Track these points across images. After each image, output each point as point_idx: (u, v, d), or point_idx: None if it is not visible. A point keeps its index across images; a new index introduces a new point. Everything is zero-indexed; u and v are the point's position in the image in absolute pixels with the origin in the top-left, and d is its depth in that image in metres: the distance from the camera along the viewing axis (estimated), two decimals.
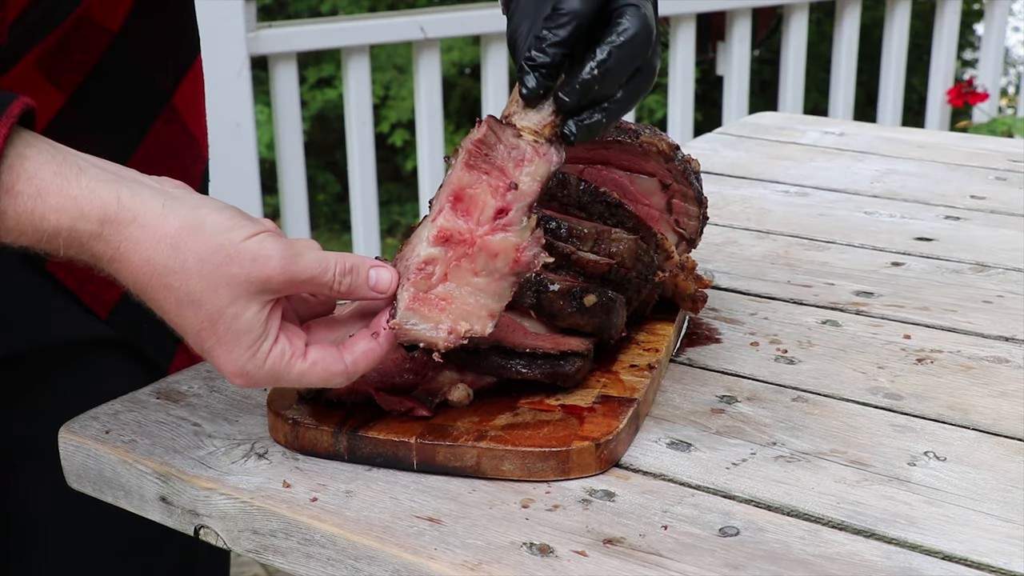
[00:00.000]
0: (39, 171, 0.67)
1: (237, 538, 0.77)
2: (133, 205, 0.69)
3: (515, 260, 0.76)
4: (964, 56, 7.50)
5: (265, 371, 0.72)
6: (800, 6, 3.33)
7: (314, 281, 0.73)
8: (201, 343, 0.72)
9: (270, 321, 0.72)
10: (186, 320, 0.71)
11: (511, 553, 0.70)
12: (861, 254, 1.21)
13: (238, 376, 0.72)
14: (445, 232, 0.76)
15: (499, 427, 0.80)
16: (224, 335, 0.71)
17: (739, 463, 0.80)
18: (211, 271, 0.69)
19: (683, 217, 1.02)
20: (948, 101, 3.62)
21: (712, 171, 1.50)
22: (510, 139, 0.77)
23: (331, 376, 0.74)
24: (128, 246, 0.69)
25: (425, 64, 2.76)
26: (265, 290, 0.71)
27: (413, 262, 0.76)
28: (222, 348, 0.71)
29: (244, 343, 0.71)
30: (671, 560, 0.69)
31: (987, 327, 1.02)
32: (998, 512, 0.74)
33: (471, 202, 0.77)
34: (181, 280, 0.69)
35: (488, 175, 0.77)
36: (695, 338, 1.00)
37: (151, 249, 0.69)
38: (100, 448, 0.83)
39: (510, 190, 0.76)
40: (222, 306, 0.70)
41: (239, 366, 0.72)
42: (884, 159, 1.56)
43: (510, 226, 0.76)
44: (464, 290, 0.76)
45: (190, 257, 0.69)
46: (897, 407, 0.88)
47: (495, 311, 0.76)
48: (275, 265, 0.71)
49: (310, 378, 0.74)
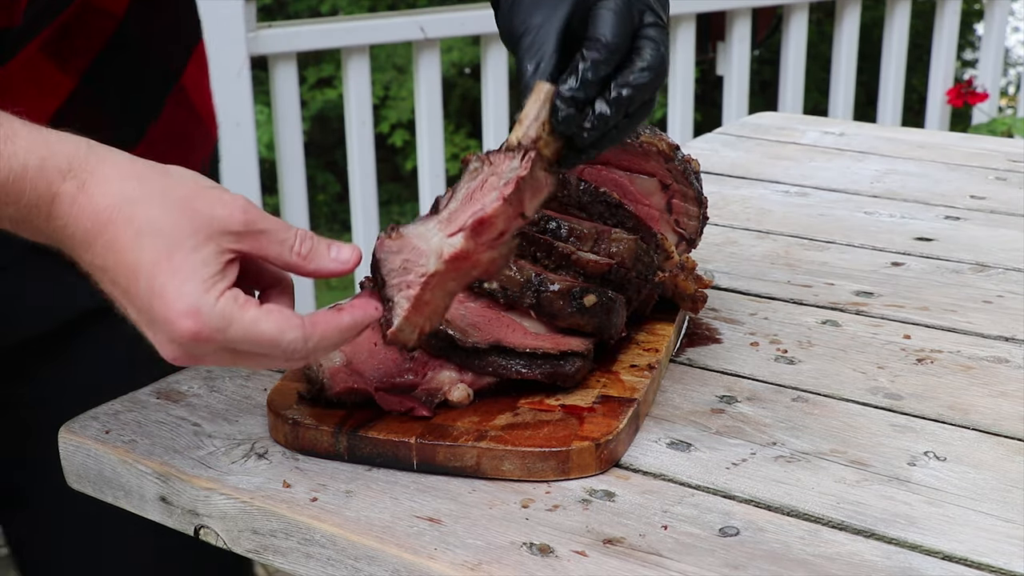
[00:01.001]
0: (11, 121, 0.68)
1: (237, 538, 0.77)
2: (102, 151, 0.70)
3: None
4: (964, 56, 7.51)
5: (217, 311, 0.69)
6: (800, 6, 3.33)
7: (275, 236, 0.71)
8: (153, 280, 0.68)
9: (228, 268, 0.70)
10: (143, 252, 0.68)
11: (511, 553, 0.70)
12: (861, 254, 1.21)
13: (188, 314, 0.68)
14: (462, 255, 0.75)
15: (499, 427, 0.80)
16: (179, 266, 0.68)
17: (739, 463, 0.80)
18: (175, 203, 0.69)
19: (683, 217, 1.02)
20: (948, 101, 3.62)
21: (712, 171, 1.50)
22: (538, 173, 0.76)
23: (287, 328, 0.71)
24: (95, 181, 0.68)
25: (425, 64, 2.76)
26: (225, 232, 0.69)
27: (418, 271, 0.75)
28: (175, 281, 0.68)
29: (199, 276, 0.69)
30: (671, 560, 0.69)
31: (987, 327, 1.02)
32: (998, 512, 0.74)
33: (489, 226, 0.75)
34: (144, 208, 0.68)
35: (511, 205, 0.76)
36: (695, 338, 1.00)
37: (118, 183, 0.68)
38: (100, 448, 0.83)
39: (518, 219, 0.76)
40: (182, 237, 0.68)
41: (190, 301, 0.68)
42: (884, 159, 1.56)
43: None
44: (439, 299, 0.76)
45: (155, 188, 0.69)
46: (897, 407, 0.88)
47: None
48: (239, 206, 0.70)
49: (264, 327, 0.70)
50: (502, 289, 0.86)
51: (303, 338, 0.71)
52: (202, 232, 0.69)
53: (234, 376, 0.93)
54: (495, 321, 0.86)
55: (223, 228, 0.69)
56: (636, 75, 0.77)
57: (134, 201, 0.68)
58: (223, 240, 0.70)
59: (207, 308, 0.68)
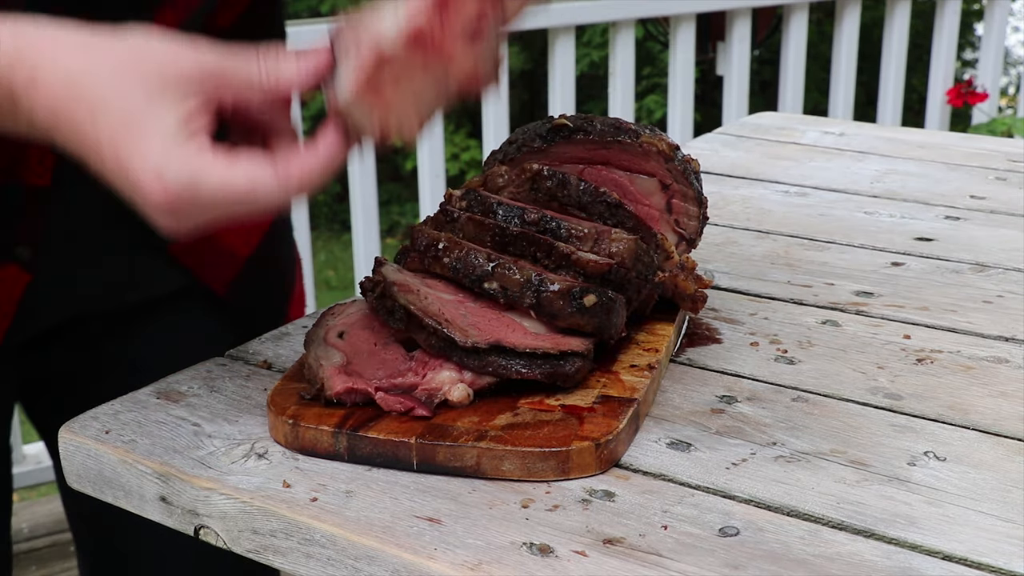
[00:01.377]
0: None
1: (237, 538, 0.77)
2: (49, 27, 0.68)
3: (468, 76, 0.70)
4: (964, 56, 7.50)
5: (181, 166, 0.65)
6: (800, 6, 3.33)
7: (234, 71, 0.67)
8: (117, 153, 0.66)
9: (192, 121, 0.66)
10: (100, 127, 0.66)
11: (511, 553, 0.70)
12: (861, 254, 1.21)
13: (154, 178, 0.65)
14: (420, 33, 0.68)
15: (499, 427, 0.80)
16: (137, 131, 0.65)
17: (739, 463, 0.80)
18: (123, 70, 0.66)
19: (683, 217, 1.02)
20: (948, 101, 3.62)
21: (712, 171, 1.50)
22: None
23: (257, 178, 0.67)
24: (43, 64, 0.66)
25: None
26: (180, 78, 0.66)
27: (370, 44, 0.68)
28: (137, 149, 0.65)
29: (159, 137, 0.65)
30: (671, 560, 0.69)
31: (987, 327, 1.02)
32: (998, 512, 0.74)
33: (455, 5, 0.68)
34: (92, 85, 0.66)
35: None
36: (695, 338, 1.00)
37: (64, 58, 0.66)
38: (100, 448, 0.83)
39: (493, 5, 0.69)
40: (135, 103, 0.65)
41: (152, 162, 0.65)
42: (884, 159, 1.56)
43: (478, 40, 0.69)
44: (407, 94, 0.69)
45: (100, 59, 0.66)
46: (897, 407, 0.88)
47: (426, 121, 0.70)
48: (188, 49, 0.67)
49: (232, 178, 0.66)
50: (502, 289, 0.86)
51: (279, 186, 0.67)
52: (155, 90, 0.66)
53: (234, 376, 0.93)
54: (495, 321, 0.86)
55: (177, 75, 0.66)
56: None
57: (82, 76, 0.66)
58: (180, 87, 0.66)
59: (170, 169, 0.65)
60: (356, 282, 1.03)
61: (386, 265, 0.89)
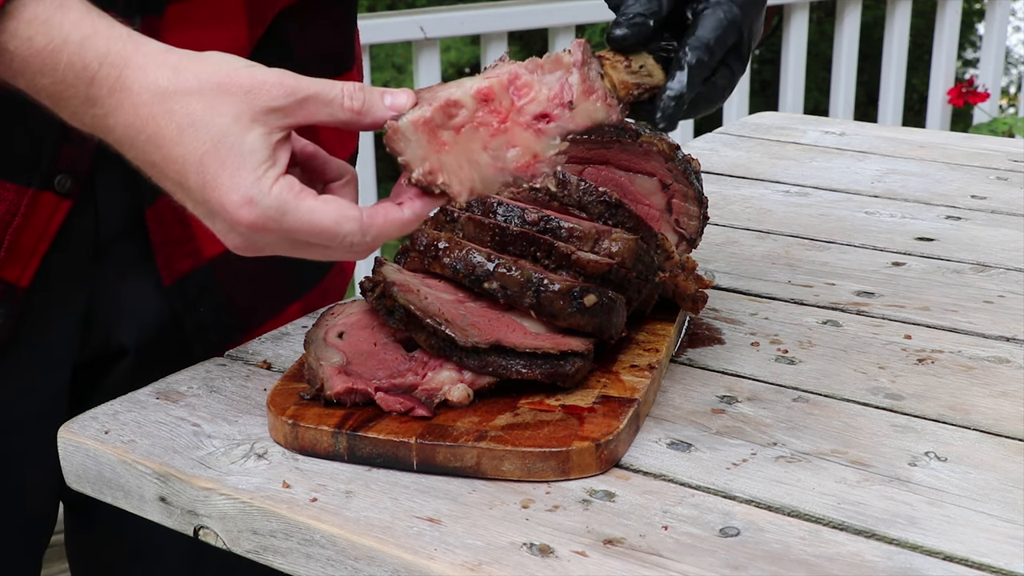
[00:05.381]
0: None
1: (237, 539, 0.77)
2: (141, 39, 0.69)
3: (526, 164, 0.74)
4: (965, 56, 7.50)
5: (272, 198, 0.67)
6: (800, 6, 3.33)
7: (320, 98, 0.69)
8: (203, 174, 0.67)
9: (278, 151, 0.69)
10: (187, 147, 0.67)
11: (511, 553, 0.70)
12: (862, 254, 1.21)
13: (243, 204, 0.67)
14: (490, 92, 0.73)
15: (499, 427, 0.80)
16: (227, 156, 0.67)
17: (739, 463, 0.80)
18: (212, 92, 0.68)
19: (683, 217, 1.02)
20: (949, 101, 3.62)
21: (712, 171, 1.50)
22: (591, 73, 0.76)
23: (344, 219, 0.69)
24: (131, 73, 0.68)
25: (425, 64, 2.75)
26: (268, 109, 0.68)
27: (442, 95, 0.73)
28: (226, 172, 0.67)
29: (250, 164, 0.67)
30: (671, 560, 0.69)
31: (988, 327, 1.02)
32: (999, 513, 0.74)
33: (526, 88, 0.74)
34: (183, 102, 0.67)
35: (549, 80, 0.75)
36: (695, 338, 1.00)
37: (154, 74, 0.68)
38: (100, 448, 0.83)
39: (564, 106, 0.75)
40: (225, 125, 0.67)
41: (244, 190, 0.67)
42: (885, 159, 1.56)
43: (542, 134, 0.74)
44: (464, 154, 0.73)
45: (191, 79, 0.68)
46: (898, 407, 0.87)
47: (476, 190, 0.74)
48: (274, 79, 0.68)
49: (321, 216, 0.68)
50: (502, 289, 0.86)
51: (360, 231, 0.70)
52: (244, 116, 0.67)
53: (234, 376, 0.93)
54: (495, 321, 0.86)
55: (265, 107, 0.68)
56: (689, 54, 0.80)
57: (170, 95, 0.67)
58: (268, 120, 0.68)
59: (261, 197, 0.67)
60: (356, 282, 1.03)
61: (386, 265, 0.89)
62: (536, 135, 0.74)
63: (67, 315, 0.97)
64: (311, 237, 0.69)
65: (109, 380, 1.01)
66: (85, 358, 1.00)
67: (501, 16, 2.87)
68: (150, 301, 0.99)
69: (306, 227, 0.69)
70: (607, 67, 0.78)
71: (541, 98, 0.74)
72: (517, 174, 0.75)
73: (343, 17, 1.08)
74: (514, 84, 0.74)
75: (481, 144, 0.74)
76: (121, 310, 0.99)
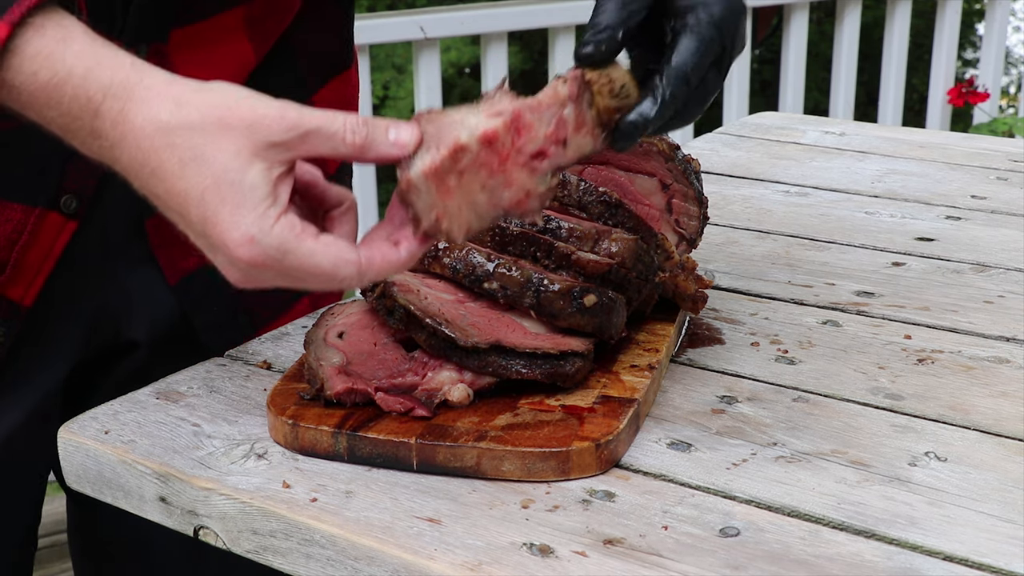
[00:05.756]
0: (72, 24, 0.69)
1: (237, 539, 0.77)
2: (144, 68, 0.69)
3: (519, 201, 0.75)
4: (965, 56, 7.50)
5: (273, 237, 0.67)
6: (800, 6, 3.33)
7: (322, 132, 0.69)
8: (204, 210, 0.68)
9: (279, 187, 0.68)
10: (189, 182, 0.67)
11: (511, 553, 0.70)
12: (862, 254, 1.21)
13: (243, 243, 0.67)
14: (495, 135, 0.73)
15: (499, 427, 0.80)
16: (229, 192, 0.67)
17: (739, 463, 0.80)
18: (213, 126, 0.67)
19: (683, 217, 1.02)
20: (949, 101, 3.62)
21: (712, 171, 1.50)
22: (584, 104, 0.77)
23: (342, 263, 0.69)
24: (133, 106, 0.68)
25: (425, 64, 2.75)
26: (269, 144, 0.68)
27: (450, 137, 0.73)
28: (227, 208, 0.67)
29: (251, 202, 0.67)
30: (671, 560, 0.69)
31: (988, 327, 1.02)
32: (999, 513, 0.74)
33: (527, 129, 0.75)
34: (185, 137, 0.67)
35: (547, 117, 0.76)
36: (695, 338, 1.00)
37: (156, 107, 0.68)
38: (100, 448, 0.83)
39: (558, 144, 0.76)
40: (226, 160, 0.67)
41: (245, 229, 0.67)
42: (885, 159, 1.56)
43: (536, 172, 0.75)
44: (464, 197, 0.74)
45: (193, 112, 0.67)
46: (898, 407, 0.87)
47: (472, 229, 0.75)
48: (275, 113, 0.68)
49: (320, 259, 0.69)
50: (502, 289, 0.86)
51: (358, 274, 0.70)
52: (245, 151, 0.67)
53: (234, 376, 0.93)
54: (495, 321, 0.86)
55: (266, 142, 0.67)
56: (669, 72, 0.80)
57: (172, 129, 0.67)
58: (269, 154, 0.68)
59: (262, 236, 0.67)
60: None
61: None
62: (531, 173, 0.75)
63: (70, 329, 0.98)
64: (309, 278, 0.70)
65: (118, 373, 1.01)
66: (91, 354, 1.00)
67: (501, 16, 2.87)
68: (159, 297, 1.00)
69: (305, 268, 0.69)
70: (595, 93, 0.78)
71: (539, 136, 0.75)
72: (509, 210, 0.75)
73: (344, 18, 1.09)
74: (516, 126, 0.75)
75: (480, 185, 0.74)
76: (131, 305, 0.99)
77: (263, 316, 1.05)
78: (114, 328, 1.00)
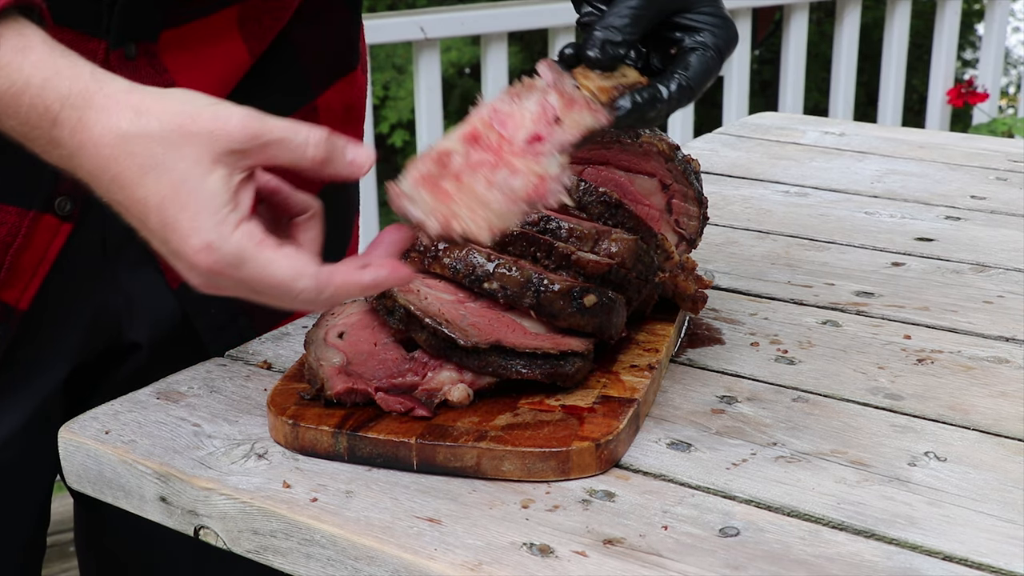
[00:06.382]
0: (32, 33, 0.68)
1: (237, 538, 0.77)
2: (104, 78, 0.68)
3: (535, 187, 0.75)
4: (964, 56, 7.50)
5: (232, 244, 0.67)
6: (800, 6, 3.33)
7: (284, 144, 0.68)
8: (164, 217, 0.67)
9: (240, 193, 0.68)
10: (149, 189, 0.67)
11: (511, 553, 0.70)
12: (861, 254, 1.21)
13: (201, 249, 0.67)
14: (475, 132, 0.75)
15: (499, 427, 0.80)
16: (188, 199, 0.66)
17: (739, 463, 0.80)
18: (173, 133, 0.67)
19: (683, 217, 1.02)
20: (948, 101, 3.62)
21: (712, 171, 1.50)
22: (567, 87, 0.77)
23: (300, 275, 0.68)
24: (92, 115, 0.67)
25: (425, 64, 2.75)
26: (229, 151, 0.67)
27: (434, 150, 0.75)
28: (186, 215, 0.67)
29: (210, 208, 0.67)
30: (671, 560, 0.69)
31: (987, 327, 1.02)
32: (998, 513, 0.74)
33: (509, 118, 0.76)
34: (144, 145, 0.67)
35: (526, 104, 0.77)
36: (695, 338, 1.00)
37: (115, 116, 0.67)
38: (100, 448, 0.83)
39: (551, 123, 0.76)
40: (186, 168, 0.66)
41: (204, 235, 0.66)
42: (884, 159, 1.56)
43: (540, 156, 0.75)
44: (472, 196, 0.74)
45: (153, 121, 0.67)
46: (897, 407, 0.87)
47: (495, 227, 0.75)
48: (236, 122, 0.67)
49: (277, 268, 0.67)
50: (502, 289, 0.86)
51: (315, 288, 0.69)
52: (205, 159, 0.67)
53: (234, 376, 0.93)
54: (495, 321, 0.86)
55: (226, 148, 0.67)
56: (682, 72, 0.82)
57: (131, 137, 0.67)
58: (229, 160, 0.67)
59: (221, 242, 0.67)
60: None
61: None
62: (535, 157, 0.75)
63: (68, 332, 0.98)
64: (266, 288, 0.69)
65: (120, 374, 1.01)
66: (91, 355, 1.00)
67: (501, 16, 2.87)
68: (161, 299, 1.00)
69: (262, 278, 0.68)
70: (579, 79, 0.79)
71: (526, 122, 0.76)
72: (530, 200, 0.76)
73: (348, 18, 1.08)
74: (495, 118, 0.76)
75: (485, 182, 0.74)
76: (132, 307, 0.99)
77: (268, 320, 1.05)
78: (115, 329, 1.00)
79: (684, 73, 0.82)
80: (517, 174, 0.75)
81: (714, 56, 0.84)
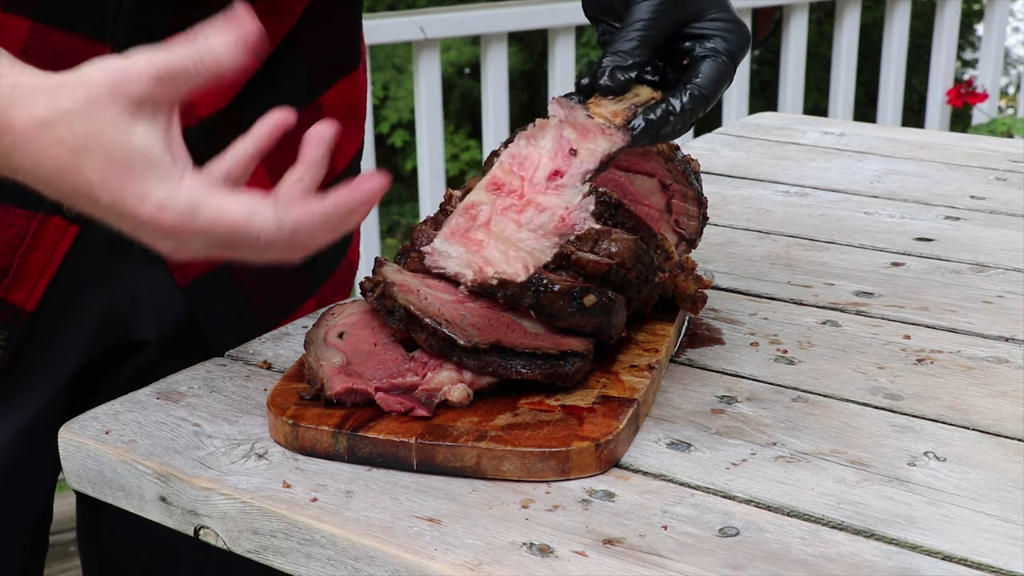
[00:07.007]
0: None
1: (237, 538, 0.77)
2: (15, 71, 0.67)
3: (561, 219, 0.77)
4: (964, 56, 7.50)
5: (182, 196, 0.64)
6: (800, 6, 3.33)
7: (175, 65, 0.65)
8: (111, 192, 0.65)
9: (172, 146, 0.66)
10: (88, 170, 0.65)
11: (511, 553, 0.70)
12: (861, 254, 1.21)
13: (156, 210, 0.65)
14: (497, 181, 0.77)
15: (499, 427, 0.80)
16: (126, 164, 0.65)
17: (739, 463, 0.80)
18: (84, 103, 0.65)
19: (683, 217, 1.02)
20: (948, 101, 3.62)
21: (712, 171, 1.50)
22: (579, 118, 0.80)
23: (254, 213, 0.65)
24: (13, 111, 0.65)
25: (425, 64, 2.75)
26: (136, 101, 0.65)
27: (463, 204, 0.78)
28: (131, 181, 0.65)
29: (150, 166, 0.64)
30: (671, 560, 0.69)
31: (987, 327, 1.02)
32: (998, 512, 0.74)
33: (526, 160, 0.78)
34: (65, 126, 0.65)
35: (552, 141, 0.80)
36: (695, 338, 1.00)
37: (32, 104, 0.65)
38: (100, 448, 0.83)
39: (568, 156, 0.78)
40: (110, 134, 0.64)
41: (154, 196, 0.64)
42: (884, 159, 1.56)
43: (562, 188, 0.77)
44: (504, 240, 0.76)
45: (66, 100, 0.65)
46: (897, 407, 0.88)
47: (530, 265, 0.78)
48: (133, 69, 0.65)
49: (230, 210, 0.65)
50: (502, 289, 0.86)
51: (274, 222, 0.66)
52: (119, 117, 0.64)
53: (234, 376, 0.93)
54: (495, 321, 0.86)
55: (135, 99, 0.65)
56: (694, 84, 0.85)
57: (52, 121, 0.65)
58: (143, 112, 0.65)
59: (171, 199, 0.65)
60: (356, 282, 1.03)
61: (386, 265, 0.89)
62: (557, 191, 0.78)
63: (75, 332, 0.98)
64: (226, 235, 0.66)
65: (125, 372, 1.01)
66: (97, 355, 1.00)
67: (501, 16, 2.87)
68: (168, 298, 1.00)
69: (218, 223, 0.66)
70: (592, 108, 0.81)
71: (544, 160, 0.78)
72: (559, 231, 0.79)
73: (351, 18, 1.08)
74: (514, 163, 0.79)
75: (514, 224, 0.77)
76: (139, 306, 0.99)
77: (272, 318, 1.05)
78: (122, 329, 1.00)
79: (696, 83, 0.84)
80: (543, 211, 0.78)
81: (726, 61, 0.85)
